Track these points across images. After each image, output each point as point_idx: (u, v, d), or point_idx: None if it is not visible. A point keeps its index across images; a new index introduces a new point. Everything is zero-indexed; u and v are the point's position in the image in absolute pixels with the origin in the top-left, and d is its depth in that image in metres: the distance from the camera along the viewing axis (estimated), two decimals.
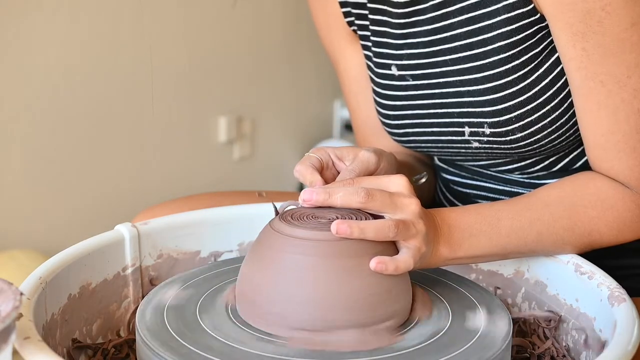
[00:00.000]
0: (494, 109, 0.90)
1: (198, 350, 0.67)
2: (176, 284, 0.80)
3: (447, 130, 0.96)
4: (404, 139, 1.01)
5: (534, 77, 0.88)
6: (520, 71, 0.88)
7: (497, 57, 0.88)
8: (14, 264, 1.75)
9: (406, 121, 0.99)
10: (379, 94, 1.02)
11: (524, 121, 0.89)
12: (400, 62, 0.98)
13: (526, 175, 0.98)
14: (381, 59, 1.00)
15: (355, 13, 1.04)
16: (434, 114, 0.96)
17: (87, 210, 2.04)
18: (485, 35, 0.88)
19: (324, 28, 1.10)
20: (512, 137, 0.90)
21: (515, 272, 0.89)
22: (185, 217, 0.93)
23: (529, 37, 0.86)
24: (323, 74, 2.58)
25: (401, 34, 0.97)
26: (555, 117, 0.88)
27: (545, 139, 0.90)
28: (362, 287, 0.69)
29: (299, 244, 0.70)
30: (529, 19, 0.85)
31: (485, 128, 0.91)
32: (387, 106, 1.01)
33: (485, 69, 0.89)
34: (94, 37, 2.00)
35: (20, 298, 0.59)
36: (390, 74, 0.99)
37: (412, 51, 0.96)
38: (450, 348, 0.68)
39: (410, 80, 0.97)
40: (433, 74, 0.95)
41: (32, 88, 1.91)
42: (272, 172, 2.54)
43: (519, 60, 0.87)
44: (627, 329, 0.68)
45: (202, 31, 2.25)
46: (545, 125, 0.89)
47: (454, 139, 0.96)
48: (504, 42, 0.87)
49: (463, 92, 0.92)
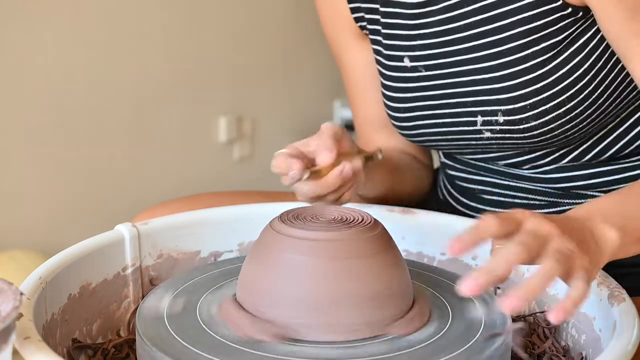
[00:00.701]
0: (509, 96, 0.90)
1: (198, 350, 0.67)
2: (176, 283, 0.80)
3: (459, 121, 0.96)
4: (413, 132, 1.01)
5: (551, 65, 0.88)
6: (538, 58, 0.88)
7: (517, 43, 0.89)
8: (14, 264, 1.75)
9: (417, 113, 1.00)
10: (389, 87, 1.02)
11: (539, 109, 0.89)
12: (413, 53, 0.98)
13: (534, 169, 0.98)
14: (393, 51, 1.00)
15: (365, 7, 1.04)
16: (447, 104, 0.96)
17: (87, 210, 2.04)
18: (503, 21, 0.89)
19: (329, 25, 1.10)
20: (525, 126, 0.90)
21: (515, 272, 0.89)
22: (185, 217, 0.93)
23: (550, 24, 0.87)
24: (323, 74, 2.58)
25: (414, 25, 0.97)
26: (569, 108, 0.89)
27: (558, 129, 0.90)
28: (362, 288, 0.69)
29: (299, 244, 0.70)
30: (551, 4, 0.86)
31: (499, 116, 0.91)
32: (398, 99, 1.01)
33: (502, 55, 0.90)
34: (94, 37, 2.00)
35: (20, 298, 0.59)
36: (402, 66, 0.99)
37: (425, 41, 0.97)
38: (450, 348, 0.68)
39: (423, 71, 0.98)
40: (446, 64, 0.95)
41: (32, 88, 1.91)
42: (272, 172, 2.52)
43: (539, 46, 0.88)
44: (626, 329, 0.68)
45: (202, 31, 2.25)
46: (560, 115, 0.89)
47: (465, 130, 0.96)
48: (525, 27, 0.88)
49: (477, 80, 0.92)
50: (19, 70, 1.87)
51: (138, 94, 2.12)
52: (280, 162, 0.79)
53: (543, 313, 0.85)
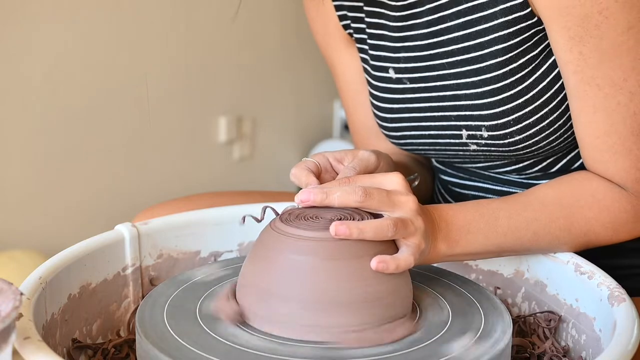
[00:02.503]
0: (491, 112, 0.89)
1: (198, 350, 0.67)
2: (176, 283, 0.80)
3: (444, 134, 0.96)
4: (402, 141, 1.01)
5: (531, 79, 0.88)
6: (517, 74, 0.88)
7: (495, 61, 0.88)
8: (14, 264, 1.75)
9: (403, 124, 0.99)
10: (376, 97, 1.02)
11: (522, 124, 0.89)
12: (397, 65, 0.98)
13: (524, 176, 0.98)
14: (378, 62, 1.00)
15: (352, 16, 1.04)
16: (432, 117, 0.96)
17: (87, 210, 2.04)
18: (482, 38, 0.88)
19: (320, 32, 1.10)
20: (510, 140, 0.90)
21: (515, 272, 0.89)
22: (185, 217, 0.93)
23: (526, 40, 0.86)
24: (323, 74, 2.57)
25: (398, 37, 0.97)
26: (553, 120, 0.88)
27: (543, 141, 0.90)
28: (363, 287, 0.69)
29: (300, 244, 0.70)
30: (527, 22, 0.85)
31: (482, 131, 0.91)
32: (384, 109, 1.01)
33: (483, 72, 0.89)
34: (93, 37, 2.00)
35: (20, 298, 0.59)
36: (388, 77, 0.99)
37: (409, 54, 0.96)
38: (450, 348, 0.68)
39: (408, 84, 0.97)
40: (430, 77, 0.95)
41: (32, 88, 1.91)
42: (272, 172, 2.54)
43: (517, 63, 0.87)
44: (627, 329, 0.68)
45: (203, 32, 2.25)
46: (544, 128, 0.89)
47: (451, 142, 0.96)
48: (501, 45, 0.87)
49: (460, 95, 0.92)
50: (18, 70, 1.87)
51: (138, 94, 2.12)
52: (300, 175, 0.80)
53: (543, 313, 0.85)
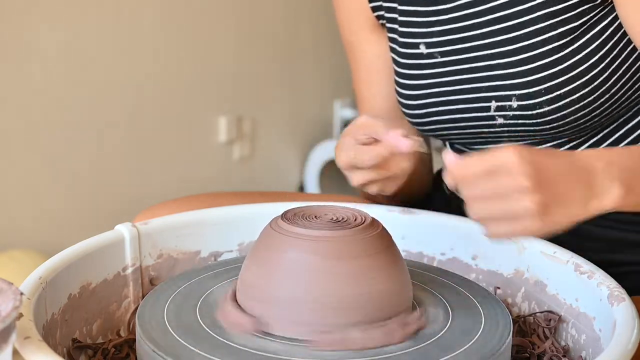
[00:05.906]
0: (524, 80, 0.91)
1: (198, 350, 0.67)
2: (176, 283, 0.80)
3: (472, 107, 0.97)
4: (424, 120, 1.02)
5: (568, 50, 0.89)
6: (555, 42, 0.89)
7: (534, 27, 0.90)
8: (14, 264, 1.75)
9: (430, 100, 1.00)
10: (402, 75, 1.02)
11: (553, 94, 0.90)
12: (429, 39, 0.99)
13: None
14: (408, 39, 1.01)
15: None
16: (461, 90, 0.97)
17: (87, 210, 2.04)
18: (522, 5, 0.90)
19: (344, 14, 1.11)
20: (538, 111, 0.91)
21: (515, 272, 0.89)
22: (185, 217, 0.93)
23: (569, 8, 0.88)
24: (323, 74, 2.58)
25: (433, 11, 0.98)
26: (583, 94, 0.90)
27: (570, 116, 0.91)
28: (362, 287, 0.69)
29: (300, 243, 0.70)
30: None
31: (512, 101, 0.92)
32: (411, 86, 1.01)
33: (521, 40, 0.91)
34: (94, 37, 2.00)
35: (20, 298, 0.59)
36: (418, 53, 1.00)
37: (443, 27, 0.98)
38: (450, 348, 0.69)
39: (439, 57, 0.99)
40: (463, 49, 0.96)
41: (32, 88, 1.91)
42: (272, 172, 2.54)
43: (557, 31, 0.89)
44: (626, 329, 0.68)
45: (203, 31, 2.26)
46: (573, 101, 0.90)
47: (478, 116, 0.97)
48: (544, 11, 0.89)
49: (494, 65, 0.93)
50: (19, 70, 1.88)
51: (138, 93, 2.12)
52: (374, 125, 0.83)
53: (543, 313, 0.85)
